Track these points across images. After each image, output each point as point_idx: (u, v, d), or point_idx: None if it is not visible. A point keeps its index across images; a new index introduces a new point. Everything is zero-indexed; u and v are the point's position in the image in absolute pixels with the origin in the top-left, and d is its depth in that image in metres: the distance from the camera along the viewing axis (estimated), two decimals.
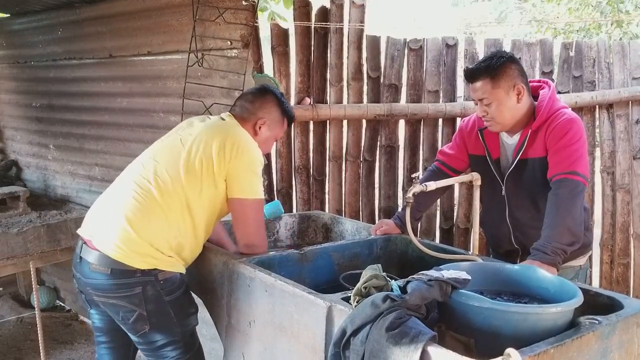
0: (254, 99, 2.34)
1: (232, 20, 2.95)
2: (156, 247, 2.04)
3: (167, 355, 2.14)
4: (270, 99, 2.35)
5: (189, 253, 2.16)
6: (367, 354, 1.43)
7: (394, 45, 3.46)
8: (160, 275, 2.05)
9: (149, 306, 2.04)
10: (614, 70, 3.90)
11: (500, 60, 2.20)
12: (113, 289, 2.03)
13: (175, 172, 2.10)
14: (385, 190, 3.57)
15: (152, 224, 2.05)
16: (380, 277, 1.64)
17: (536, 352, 1.36)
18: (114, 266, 2.01)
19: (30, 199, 3.94)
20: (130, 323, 2.07)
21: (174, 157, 2.13)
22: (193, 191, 2.09)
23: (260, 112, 2.31)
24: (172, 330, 2.11)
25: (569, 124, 2.20)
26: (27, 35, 4.43)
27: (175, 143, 2.19)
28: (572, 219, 2.08)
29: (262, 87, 2.45)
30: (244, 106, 2.33)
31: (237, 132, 2.20)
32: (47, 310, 4.52)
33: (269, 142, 2.39)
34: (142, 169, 2.15)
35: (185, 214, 2.09)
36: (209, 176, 2.10)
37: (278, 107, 2.35)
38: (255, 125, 2.30)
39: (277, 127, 2.37)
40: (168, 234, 2.07)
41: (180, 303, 2.13)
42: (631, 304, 1.68)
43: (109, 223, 2.07)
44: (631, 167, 3.98)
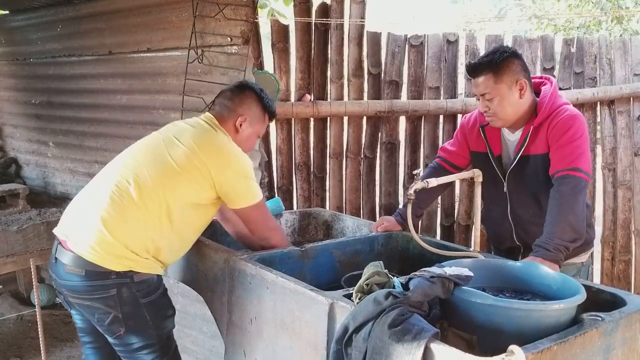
0: (232, 96, 2.29)
1: (232, 16, 2.94)
2: (131, 250, 2.00)
3: (143, 358, 2.11)
4: (249, 94, 2.30)
5: (167, 256, 2.12)
6: (370, 351, 1.43)
7: (394, 42, 3.45)
8: (136, 277, 2.01)
9: (124, 308, 2.01)
10: (615, 66, 3.90)
11: (503, 55, 2.19)
12: (88, 291, 1.99)
13: (156, 174, 2.04)
14: (386, 187, 3.56)
15: (128, 225, 2.00)
16: (382, 273, 1.63)
17: (539, 349, 1.35)
18: (88, 267, 1.97)
19: (29, 196, 3.92)
20: (105, 325, 2.04)
21: (156, 159, 2.08)
22: (173, 194, 2.04)
23: (240, 109, 2.26)
24: (147, 332, 2.08)
25: (571, 120, 2.19)
26: (26, 32, 4.42)
27: (157, 143, 2.14)
28: (575, 215, 2.07)
29: (241, 83, 2.41)
30: (223, 104, 2.29)
31: (220, 143, 2.14)
32: (47, 308, 4.51)
33: (251, 139, 2.34)
34: (123, 169, 2.10)
35: (163, 217, 2.04)
36: (191, 182, 2.06)
37: (258, 102, 2.31)
38: (235, 122, 2.25)
39: (258, 123, 2.33)
40: (144, 236, 2.02)
41: (157, 305, 2.10)
42: (634, 301, 1.67)
43: (84, 224, 2.03)
44: (632, 164, 3.97)
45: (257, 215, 2.20)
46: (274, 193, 3.33)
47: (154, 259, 2.07)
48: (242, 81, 2.44)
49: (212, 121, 2.22)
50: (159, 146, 2.13)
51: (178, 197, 2.05)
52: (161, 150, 2.10)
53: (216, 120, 2.24)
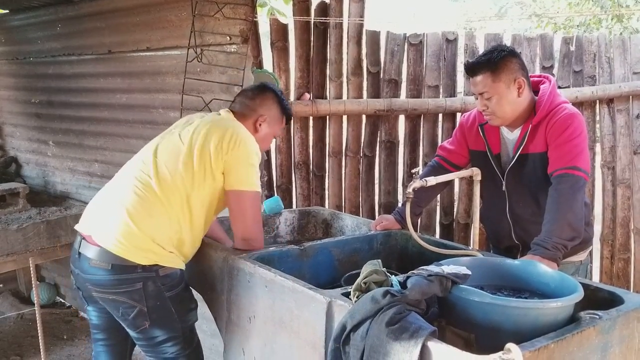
0: (254, 96, 2.35)
1: (231, 15, 2.94)
2: (158, 242, 2.04)
3: (166, 351, 2.14)
4: (270, 96, 2.36)
5: (189, 248, 2.16)
6: (367, 350, 1.43)
7: (393, 40, 3.45)
8: (161, 271, 2.05)
9: (150, 302, 2.04)
10: (615, 64, 3.90)
11: (501, 54, 2.19)
12: (114, 285, 2.02)
13: (174, 167, 2.10)
14: (385, 186, 3.57)
15: (154, 218, 2.05)
16: (380, 272, 1.64)
17: (536, 347, 1.36)
18: (114, 261, 2.00)
19: (29, 195, 3.93)
20: (130, 319, 2.06)
21: (173, 153, 2.13)
22: (192, 186, 2.09)
23: (260, 109, 2.32)
24: (172, 326, 2.11)
25: (569, 118, 2.19)
26: (25, 31, 4.42)
27: (174, 139, 2.19)
28: (573, 214, 2.07)
29: (262, 84, 2.46)
30: (244, 103, 2.34)
31: (234, 126, 2.20)
32: (48, 307, 4.53)
33: (268, 139, 2.40)
34: (143, 165, 2.15)
35: (185, 209, 2.09)
36: (207, 170, 2.10)
37: (278, 104, 2.36)
38: (256, 122, 2.31)
39: (277, 124, 2.38)
40: (169, 229, 2.07)
41: (181, 299, 2.13)
42: (632, 299, 1.67)
43: (110, 218, 2.07)
44: (632, 162, 3.97)
45: (248, 206, 2.17)
46: (273, 192, 3.34)
47: (177, 251, 2.11)
48: (263, 83, 2.50)
49: (229, 114, 2.29)
50: (175, 141, 2.18)
51: (196, 188, 2.09)
52: (177, 144, 2.15)
53: (237, 110, 2.32)
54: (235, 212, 2.18)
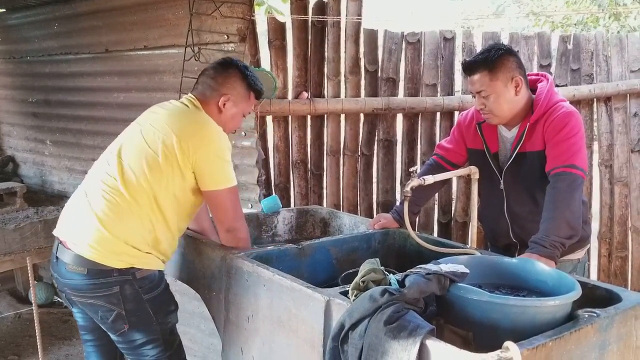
0: (215, 75, 2.21)
1: (228, 14, 2.94)
2: (132, 245, 2.00)
3: (146, 354, 2.12)
4: (233, 73, 2.21)
5: (166, 246, 2.12)
6: (366, 348, 1.43)
7: (391, 39, 3.45)
8: (138, 274, 2.02)
9: (128, 305, 2.01)
10: (612, 63, 3.90)
11: (498, 52, 2.19)
12: (90, 289, 2.00)
13: (138, 167, 2.03)
14: (383, 185, 3.57)
15: (125, 221, 2.00)
16: (379, 270, 1.64)
17: (534, 345, 1.36)
18: (90, 266, 1.97)
19: (27, 194, 3.92)
20: (109, 322, 2.04)
21: (137, 154, 2.06)
22: (159, 185, 2.03)
23: (223, 88, 2.19)
24: (151, 328, 2.09)
25: (567, 117, 2.19)
26: (23, 30, 4.41)
27: (137, 139, 2.11)
28: (571, 212, 2.08)
29: (225, 60, 2.29)
30: (206, 83, 2.21)
31: (197, 120, 2.11)
32: (45, 306, 4.51)
33: (236, 119, 2.26)
34: (108, 167, 2.09)
35: (155, 209, 2.04)
36: (175, 170, 2.04)
37: (242, 80, 2.21)
38: (218, 102, 2.18)
39: (243, 102, 2.24)
40: (142, 230, 2.03)
41: (159, 301, 2.10)
42: (629, 297, 1.68)
43: (81, 224, 2.03)
44: (629, 160, 3.98)
45: (228, 202, 2.11)
46: (271, 191, 3.34)
47: (155, 251, 2.07)
48: (226, 58, 2.32)
49: (192, 102, 2.18)
50: (138, 139, 2.10)
51: (164, 187, 2.03)
52: (140, 142, 2.08)
53: (198, 100, 2.19)
54: (215, 209, 2.15)
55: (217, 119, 2.17)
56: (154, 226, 2.05)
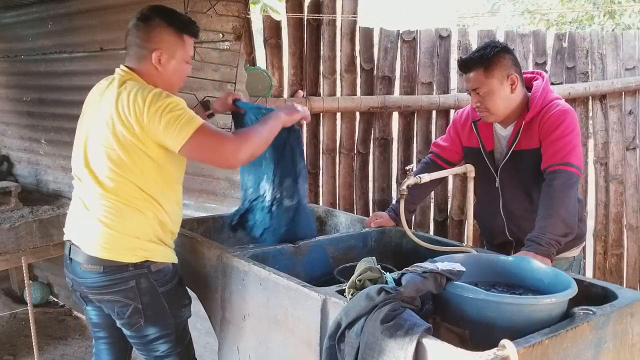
0: (138, 32, 2.03)
1: (223, 12, 2.93)
2: (143, 238, 2.01)
3: (157, 349, 2.13)
4: (156, 22, 2.02)
5: (172, 225, 2.10)
6: (362, 347, 1.43)
7: (387, 37, 3.45)
8: (153, 267, 2.03)
9: (144, 299, 2.02)
10: (607, 61, 3.91)
11: (494, 50, 2.19)
12: (107, 286, 2.01)
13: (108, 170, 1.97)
14: (379, 183, 3.57)
15: (128, 219, 2.00)
16: (375, 269, 1.64)
17: (531, 343, 1.36)
18: (105, 264, 1.98)
19: (22, 194, 3.91)
20: (125, 317, 2.05)
21: (98, 156, 2.00)
22: (135, 176, 1.97)
23: (151, 44, 2.00)
24: (165, 322, 2.10)
25: (562, 115, 2.20)
26: (16, 28, 4.39)
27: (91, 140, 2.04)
28: (566, 210, 2.08)
29: (143, 12, 2.07)
30: (133, 45, 2.04)
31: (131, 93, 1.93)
32: (41, 306, 4.50)
33: (180, 71, 2.09)
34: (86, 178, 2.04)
35: (146, 197, 2.00)
36: (137, 154, 1.95)
37: (169, 27, 2.02)
38: (152, 60, 2.01)
39: (179, 49, 2.05)
40: (147, 220, 2.01)
41: (174, 294, 2.11)
42: (625, 295, 1.68)
43: (89, 230, 2.02)
44: (624, 158, 3.99)
45: (204, 142, 1.91)
46: None
47: (166, 237, 2.07)
48: (146, 7, 2.08)
49: (120, 75, 2.02)
50: (93, 142, 2.03)
51: (140, 175, 1.98)
52: (96, 145, 2.01)
53: (130, 68, 2.03)
54: (200, 159, 2.00)
55: (159, 78, 2.03)
56: (155, 212, 2.03)
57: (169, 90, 2.01)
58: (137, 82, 1.99)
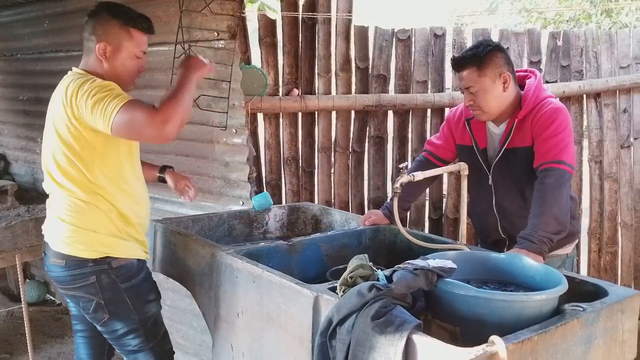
0: (86, 26, 2.01)
1: (218, 11, 2.93)
2: (102, 232, 2.03)
3: (129, 343, 2.15)
4: (102, 16, 1.99)
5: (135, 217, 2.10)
6: (353, 343, 1.44)
7: (382, 36, 3.45)
8: (114, 263, 2.05)
9: (105, 294, 2.05)
10: (602, 59, 3.92)
11: (487, 48, 2.20)
12: (69, 280, 2.05)
13: (56, 168, 2.02)
14: (375, 181, 3.57)
15: (85, 214, 2.02)
16: (367, 266, 1.65)
17: (520, 339, 1.37)
18: (67, 259, 2.03)
19: (18, 192, 3.91)
20: (91, 312, 2.09)
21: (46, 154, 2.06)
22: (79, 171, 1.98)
23: (95, 37, 1.97)
24: (130, 318, 2.11)
25: (555, 113, 2.21)
26: (12, 27, 4.39)
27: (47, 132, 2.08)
28: (559, 208, 2.09)
29: (96, 5, 2.05)
30: (84, 39, 2.03)
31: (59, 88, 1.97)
32: (37, 304, 4.51)
33: (129, 65, 2.04)
34: (45, 171, 2.09)
35: (98, 190, 2.00)
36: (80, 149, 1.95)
37: (113, 19, 1.97)
38: (97, 54, 1.98)
39: (125, 41, 2.00)
40: (104, 214, 2.03)
41: (137, 290, 2.12)
42: (616, 291, 1.69)
43: (52, 225, 2.09)
44: (619, 156, 4.00)
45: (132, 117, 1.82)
46: (262, 188, 3.34)
47: (129, 228, 2.08)
48: (97, 4, 2.05)
49: (70, 74, 2.02)
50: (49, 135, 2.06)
51: (85, 169, 1.98)
52: (44, 143, 2.08)
53: (83, 69, 2.04)
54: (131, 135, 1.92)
55: (106, 73, 2.00)
56: (111, 205, 2.04)
57: (120, 84, 1.98)
58: (76, 76, 1.97)
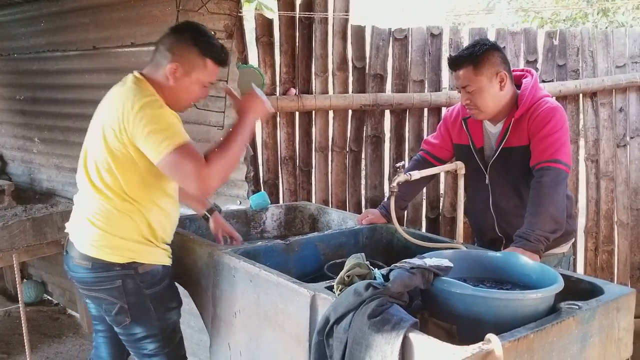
0: (165, 41, 2.05)
1: (215, 10, 2.93)
2: (129, 239, 2.03)
3: (145, 347, 2.15)
4: (185, 37, 2.02)
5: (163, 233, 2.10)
6: (350, 342, 1.45)
7: (379, 35, 3.46)
8: (140, 269, 2.04)
9: (130, 299, 2.04)
10: (598, 58, 3.93)
11: (483, 47, 2.21)
12: (94, 282, 2.04)
13: (97, 172, 2.01)
14: (372, 180, 3.58)
15: (115, 221, 2.01)
16: (364, 265, 1.65)
17: (516, 337, 1.38)
18: (94, 261, 2.02)
19: (15, 192, 3.91)
20: (112, 315, 2.08)
21: (91, 156, 2.04)
22: (118, 182, 1.98)
23: (172, 56, 2.01)
24: (151, 323, 2.11)
25: (551, 112, 2.21)
26: (9, 27, 4.38)
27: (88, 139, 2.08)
28: (555, 206, 2.10)
29: (181, 24, 2.11)
30: (159, 51, 2.05)
31: (124, 97, 1.95)
32: (35, 304, 4.51)
33: (192, 91, 2.06)
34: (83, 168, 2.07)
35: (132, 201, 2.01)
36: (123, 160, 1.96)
37: (194, 46, 2.01)
38: (166, 71, 2.00)
39: (197, 70, 2.03)
40: (134, 224, 2.03)
41: (161, 297, 2.12)
42: (611, 289, 1.70)
43: (79, 225, 2.08)
44: (615, 155, 4.01)
45: (180, 161, 1.85)
46: (260, 187, 3.34)
47: (155, 239, 2.07)
48: (183, 22, 2.11)
49: (130, 79, 2.03)
50: (89, 142, 2.06)
51: (125, 180, 1.99)
52: (90, 145, 2.05)
53: (146, 75, 2.04)
54: (173, 174, 1.93)
55: (168, 90, 2.03)
56: (142, 215, 2.04)
57: (174, 105, 2.04)
58: (139, 86, 1.98)
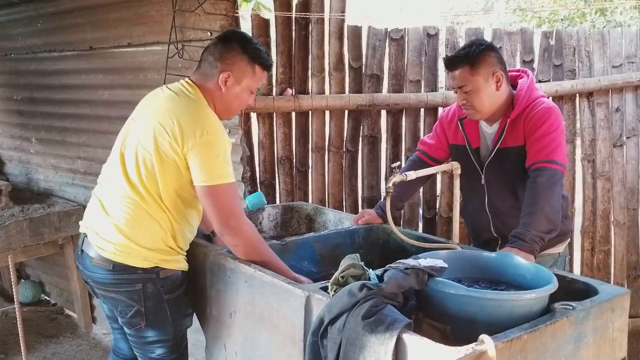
0: (215, 51, 2.09)
1: (211, 10, 2.93)
2: (154, 248, 2.02)
3: (153, 351, 2.14)
4: (233, 46, 2.08)
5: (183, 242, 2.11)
6: (344, 342, 1.45)
7: (375, 35, 3.46)
8: (161, 273, 2.03)
9: (148, 303, 2.03)
10: (594, 58, 3.93)
11: (479, 47, 2.21)
12: (114, 284, 2.02)
13: (138, 171, 2.01)
14: (369, 180, 3.58)
15: (144, 228, 2.01)
16: (358, 266, 1.66)
17: (509, 338, 1.38)
18: (115, 263, 2.00)
19: (12, 192, 3.91)
20: (127, 317, 2.07)
21: (134, 155, 2.03)
22: (157, 186, 1.99)
23: (222, 65, 2.06)
24: (165, 328, 2.11)
25: (547, 112, 2.22)
26: (6, 27, 4.38)
27: (132, 137, 2.08)
28: (550, 207, 2.10)
29: (225, 33, 2.16)
30: (207, 60, 2.10)
31: (190, 110, 1.99)
32: (33, 305, 4.50)
33: (242, 98, 2.12)
34: (116, 173, 2.07)
35: (164, 209, 2.02)
36: (169, 167, 1.98)
37: (243, 54, 2.07)
38: (218, 80, 2.06)
39: (247, 77, 2.09)
40: (162, 232, 2.03)
41: (178, 303, 2.12)
42: (606, 290, 1.71)
43: (105, 230, 2.04)
44: (611, 155, 4.01)
45: (221, 197, 1.94)
46: (256, 187, 3.34)
47: (177, 247, 2.07)
48: (227, 30, 2.18)
49: (186, 88, 2.07)
50: (134, 140, 2.06)
51: (164, 186, 2.00)
52: (136, 144, 2.04)
53: (195, 83, 2.09)
54: (208, 206, 1.98)
55: (219, 99, 2.09)
56: (172, 224, 2.04)
57: (225, 113, 2.12)
58: (197, 99, 2.04)
